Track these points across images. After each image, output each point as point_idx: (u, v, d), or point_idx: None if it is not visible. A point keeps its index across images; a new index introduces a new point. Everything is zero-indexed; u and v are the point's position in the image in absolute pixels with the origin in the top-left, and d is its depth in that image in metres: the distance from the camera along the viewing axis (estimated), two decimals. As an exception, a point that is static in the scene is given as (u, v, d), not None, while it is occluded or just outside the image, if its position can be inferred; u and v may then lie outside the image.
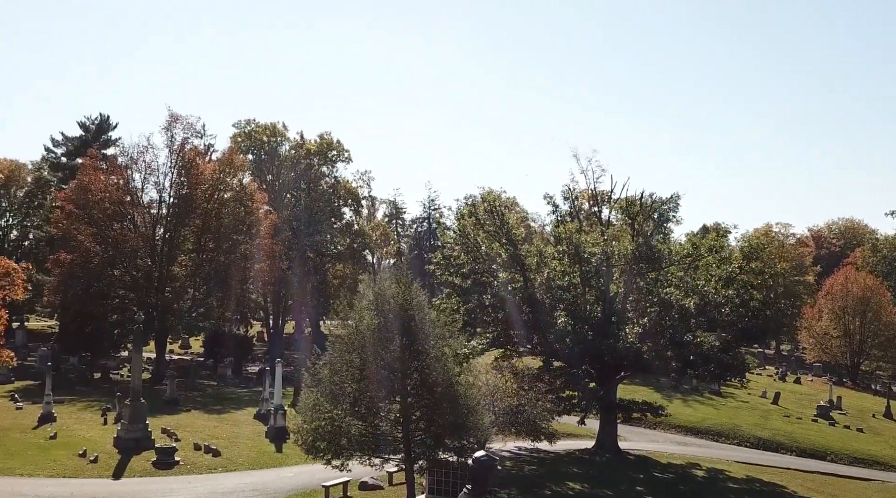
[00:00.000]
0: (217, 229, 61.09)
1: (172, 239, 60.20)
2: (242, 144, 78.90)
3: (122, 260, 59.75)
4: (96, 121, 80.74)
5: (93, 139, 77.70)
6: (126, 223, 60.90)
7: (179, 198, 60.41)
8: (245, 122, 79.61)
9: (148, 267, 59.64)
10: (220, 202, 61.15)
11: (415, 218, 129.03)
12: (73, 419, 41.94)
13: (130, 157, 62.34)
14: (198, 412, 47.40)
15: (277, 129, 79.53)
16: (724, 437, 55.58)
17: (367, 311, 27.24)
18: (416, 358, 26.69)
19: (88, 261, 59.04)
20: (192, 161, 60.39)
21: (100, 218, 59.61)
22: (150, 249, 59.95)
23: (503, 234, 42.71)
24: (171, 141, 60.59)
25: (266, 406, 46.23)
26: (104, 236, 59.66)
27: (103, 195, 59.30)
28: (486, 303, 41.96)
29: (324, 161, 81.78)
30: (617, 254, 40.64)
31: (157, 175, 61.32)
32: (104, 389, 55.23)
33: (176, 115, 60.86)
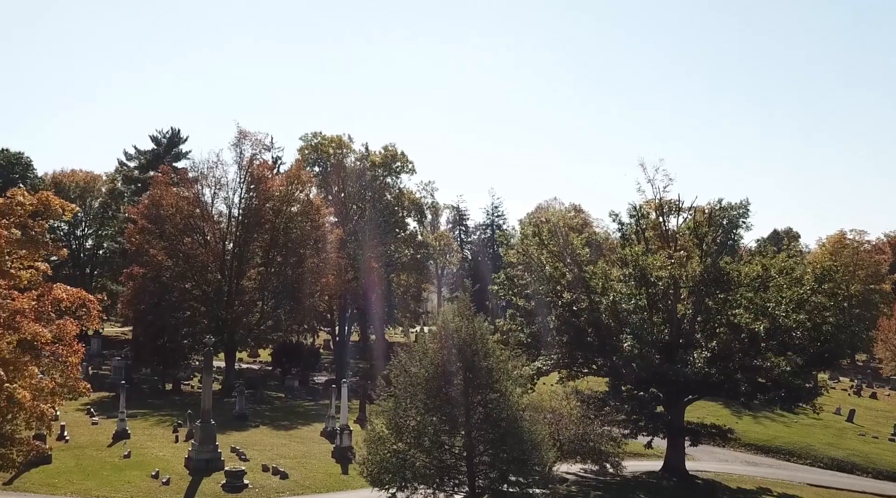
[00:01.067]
0: (285, 244, 62.16)
1: (242, 253, 61.33)
2: (309, 157, 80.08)
3: (192, 274, 61.18)
4: (167, 134, 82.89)
5: (164, 152, 79.88)
6: (196, 237, 62.28)
7: (248, 213, 61.53)
8: (312, 134, 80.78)
9: (218, 281, 60.88)
10: (287, 217, 62.12)
11: (478, 224, 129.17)
12: (146, 436, 43.05)
13: (200, 173, 63.86)
14: (266, 428, 48.18)
15: (343, 142, 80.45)
16: (796, 456, 54.14)
17: (430, 344, 27.39)
18: (480, 392, 26.75)
19: (160, 274, 60.68)
20: (261, 177, 61.43)
21: (171, 232, 61.22)
22: (219, 263, 61.17)
23: (568, 255, 42.49)
24: (239, 157, 61.88)
25: (332, 423, 46.73)
26: (175, 250, 61.23)
27: (174, 210, 60.81)
28: (551, 325, 41.72)
29: (388, 172, 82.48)
30: (685, 276, 40.01)
31: (227, 190, 62.76)
32: (175, 402, 56.61)
33: (245, 131, 62.11)
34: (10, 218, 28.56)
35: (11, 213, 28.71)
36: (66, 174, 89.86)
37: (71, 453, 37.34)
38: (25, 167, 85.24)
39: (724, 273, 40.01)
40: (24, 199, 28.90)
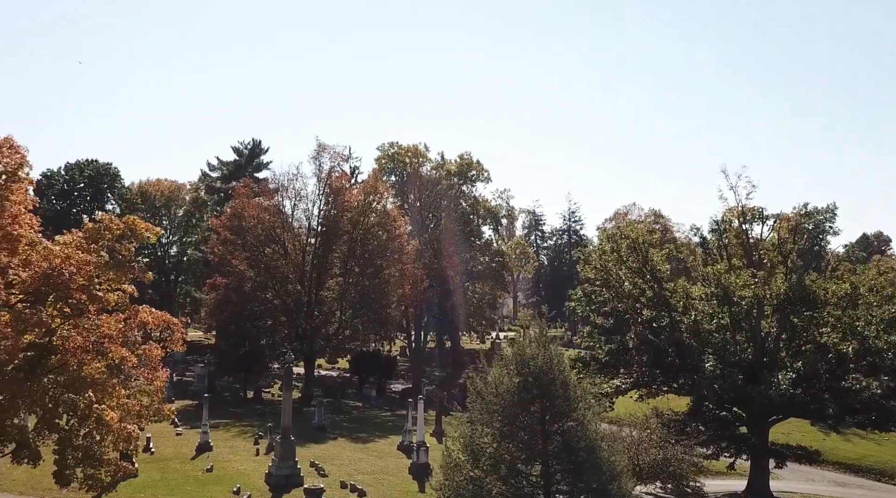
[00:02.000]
0: (362, 254, 62.93)
1: (321, 264, 62.31)
2: (386, 166, 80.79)
3: (273, 284, 62.43)
4: (249, 146, 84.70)
5: (246, 163, 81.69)
6: (277, 248, 63.49)
7: (327, 224, 62.51)
8: (389, 144, 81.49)
9: (298, 292, 61.96)
10: (364, 228, 62.87)
11: (555, 229, 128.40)
12: (228, 448, 43.99)
13: (281, 184, 65.21)
14: (344, 441, 48.72)
15: (419, 151, 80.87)
16: (888, 477, 52.03)
17: (506, 371, 27.18)
18: (557, 421, 26.43)
19: (242, 284, 62.10)
20: (339, 189, 62.33)
21: (252, 243, 62.68)
22: (299, 274, 62.26)
23: (647, 272, 41.75)
24: (318, 170, 63.04)
25: (409, 437, 46.98)
26: (256, 261, 62.65)
27: (255, 221, 62.18)
28: (630, 345, 41.04)
29: (463, 181, 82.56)
30: (769, 294, 38.84)
31: (306, 202, 64.03)
32: (256, 411, 57.80)
33: (323, 144, 63.24)
34: (98, 242, 29.55)
35: (100, 237, 29.68)
36: (152, 183, 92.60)
37: (156, 466, 38.40)
38: (113, 177, 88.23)
39: (811, 292, 38.67)
40: (112, 224, 29.79)
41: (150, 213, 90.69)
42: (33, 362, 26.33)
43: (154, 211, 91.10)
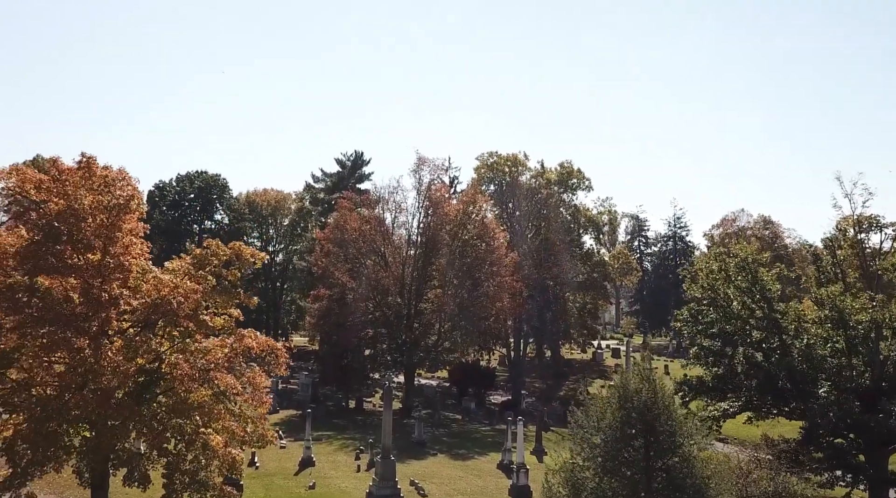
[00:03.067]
0: (460, 267, 62.96)
1: (420, 277, 62.68)
2: (485, 176, 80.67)
3: (374, 296, 63.20)
4: (351, 157, 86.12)
5: (348, 175, 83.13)
6: (378, 260, 64.22)
7: (426, 237, 62.86)
8: (488, 154, 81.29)
9: (398, 304, 62.51)
10: (463, 240, 62.91)
11: (659, 235, 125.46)
12: (330, 463, 44.59)
13: (381, 197, 66.00)
14: (443, 457, 48.70)
15: (519, 160, 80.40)
16: None
17: (608, 406, 26.46)
18: (662, 457, 25.57)
19: (344, 296, 63.12)
20: (438, 201, 62.58)
21: (354, 255, 63.70)
22: (399, 286, 62.81)
23: (757, 292, 40.14)
24: (418, 183, 63.45)
25: (509, 456, 46.57)
26: (358, 273, 63.60)
27: (357, 234, 63.15)
28: (738, 369, 39.48)
29: (564, 189, 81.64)
30: (888, 319, 36.69)
31: (406, 215, 64.62)
32: (358, 422, 58.51)
33: (423, 158, 63.73)
34: (206, 268, 30.37)
35: (207, 263, 30.52)
36: (259, 193, 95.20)
37: (261, 482, 39.19)
38: (222, 188, 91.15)
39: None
40: (219, 250, 30.62)
41: (256, 222, 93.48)
42: (143, 388, 27.23)
43: (261, 220, 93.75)
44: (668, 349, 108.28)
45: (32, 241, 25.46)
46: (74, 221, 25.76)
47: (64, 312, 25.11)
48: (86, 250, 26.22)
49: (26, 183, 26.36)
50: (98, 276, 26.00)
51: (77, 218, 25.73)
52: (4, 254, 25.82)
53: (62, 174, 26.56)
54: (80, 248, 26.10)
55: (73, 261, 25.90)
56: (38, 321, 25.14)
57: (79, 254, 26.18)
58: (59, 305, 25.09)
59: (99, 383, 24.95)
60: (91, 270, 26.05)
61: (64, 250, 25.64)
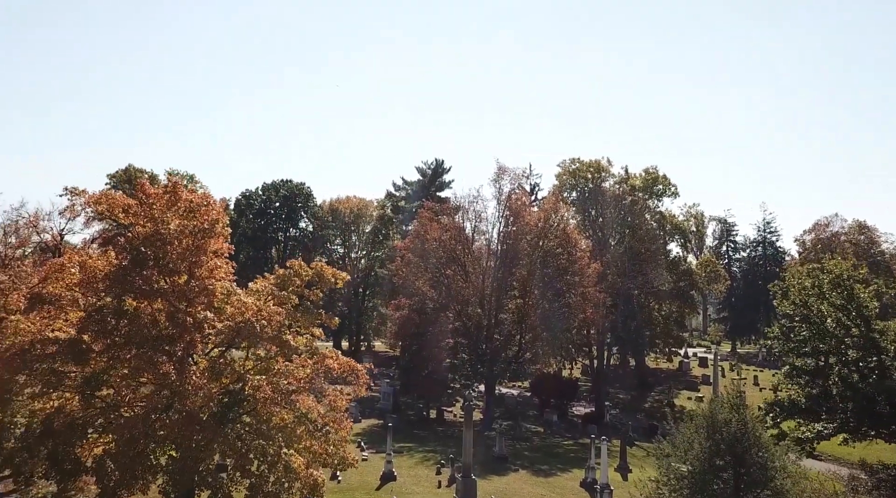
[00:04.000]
0: (541, 277, 62.12)
1: (500, 287, 62.08)
2: (567, 182, 79.52)
3: (454, 306, 62.93)
4: (432, 165, 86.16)
5: (429, 183, 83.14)
6: (458, 269, 63.90)
7: (506, 247, 62.22)
8: (570, 160, 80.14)
9: (478, 315, 62.08)
10: (544, 250, 62.04)
11: (748, 240, 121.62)
12: (411, 478, 44.45)
13: (461, 207, 65.67)
14: (525, 473, 48.01)
15: (601, 166, 78.96)
16: None
17: (696, 436, 25.52)
18: (752, 491, 24.54)
19: (424, 305, 63.11)
20: (519, 211, 61.88)
21: (434, 265, 63.56)
22: (479, 297, 62.37)
23: (853, 309, 38.30)
24: (498, 192, 62.85)
25: (592, 474, 45.61)
26: (438, 283, 63.46)
27: (437, 244, 62.98)
28: (833, 390, 37.70)
29: (649, 196, 79.86)
30: None
31: (486, 224, 64.09)
32: (439, 434, 58.29)
33: (504, 167, 63.12)
34: (288, 288, 30.61)
35: (290, 283, 30.77)
36: (342, 201, 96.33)
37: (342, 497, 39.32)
38: (306, 197, 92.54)
39: None
40: (301, 270, 30.87)
41: (339, 229, 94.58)
42: (227, 408, 27.50)
43: (343, 227, 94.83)
44: (757, 358, 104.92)
45: (121, 265, 25.99)
46: (161, 245, 26.20)
47: (150, 336, 25.58)
48: (171, 274, 26.66)
49: (115, 208, 26.92)
50: (183, 299, 26.40)
51: (163, 242, 26.16)
52: (94, 278, 26.43)
53: (149, 198, 27.05)
54: (166, 271, 26.54)
55: (159, 284, 26.33)
56: (126, 344, 25.70)
57: (165, 277, 26.62)
58: (145, 328, 25.57)
59: (184, 405, 25.30)
60: (177, 294, 26.45)
61: (151, 274, 26.08)
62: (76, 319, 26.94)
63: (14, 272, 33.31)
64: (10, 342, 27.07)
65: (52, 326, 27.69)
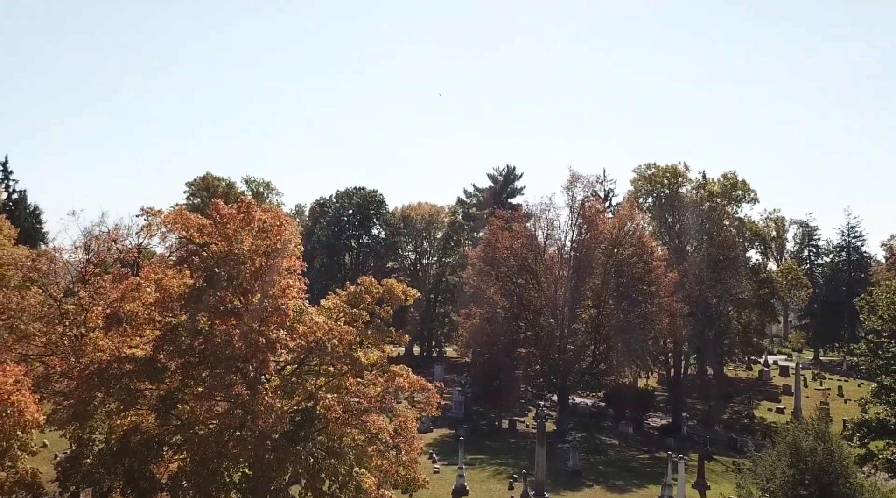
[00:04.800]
0: (616, 287, 60.97)
1: (573, 297, 61.13)
2: (642, 188, 78.00)
3: (526, 315, 62.26)
4: (503, 172, 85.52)
5: (500, 190, 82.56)
6: (529, 278, 63.20)
7: (580, 256, 61.22)
8: (646, 166, 78.57)
9: (550, 325, 61.26)
10: (619, 259, 60.83)
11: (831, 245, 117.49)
12: (483, 492, 44.05)
13: (533, 215, 64.93)
14: (599, 489, 47.10)
15: (678, 171, 77.16)
16: None
17: (778, 465, 24.45)
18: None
19: (495, 314, 62.61)
20: (592, 219, 60.82)
21: (505, 273, 62.99)
22: (552, 306, 61.53)
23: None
24: (571, 200, 61.94)
25: (668, 492, 44.47)
26: (510, 292, 62.86)
27: (508, 252, 62.39)
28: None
29: (727, 201, 77.68)
30: None
31: (559, 233, 63.26)
32: (511, 445, 57.66)
33: (577, 174, 62.16)
34: (359, 305, 30.51)
35: (360, 301, 30.65)
36: (413, 207, 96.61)
37: (414, 513, 39.07)
38: (379, 204, 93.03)
39: None
40: (372, 287, 30.69)
41: (410, 236, 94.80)
42: (298, 427, 27.50)
43: (415, 234, 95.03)
44: (841, 366, 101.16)
45: (195, 286, 26.22)
46: (234, 265, 26.35)
47: (224, 355, 25.73)
48: (245, 293, 26.77)
49: (190, 227, 27.18)
50: (256, 318, 26.48)
51: (236, 262, 26.30)
52: (170, 296, 26.73)
53: (223, 218, 27.21)
54: (239, 291, 26.67)
55: (232, 304, 26.48)
56: (200, 363, 25.93)
57: (238, 297, 26.76)
58: (219, 347, 25.73)
59: (256, 424, 25.38)
60: (250, 313, 26.55)
61: (224, 294, 26.24)
62: (152, 336, 27.33)
63: (94, 288, 34.07)
64: (90, 359, 27.61)
65: (129, 343, 28.19)
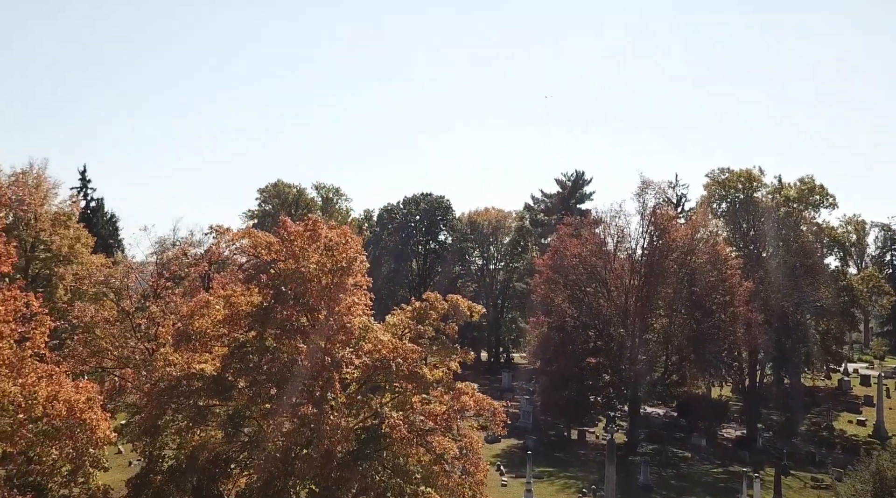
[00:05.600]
0: (689, 296, 59.47)
1: (644, 307, 59.83)
2: (716, 193, 75.97)
3: (595, 324, 61.20)
4: (572, 177, 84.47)
5: (569, 195, 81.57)
6: (598, 287, 62.11)
7: (651, 264, 59.87)
8: (719, 170, 76.38)
9: (620, 335, 60.10)
10: (692, 268, 59.30)
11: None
12: (551, 507, 43.45)
13: (602, 221, 63.81)
14: (670, 506, 46.06)
15: (753, 175, 74.78)
16: None
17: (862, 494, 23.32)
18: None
19: (564, 323, 61.68)
20: (664, 227, 59.42)
21: (574, 281, 61.99)
22: (622, 316, 60.37)
23: None
24: (642, 207, 60.64)
25: (743, 511, 43.20)
26: (578, 300, 61.83)
27: (577, 260, 61.39)
28: None
29: (805, 207, 75.04)
30: None
31: (629, 240, 62.04)
32: (580, 457, 56.80)
33: (648, 181, 60.88)
34: (424, 322, 30.32)
35: (426, 317, 30.46)
36: (480, 213, 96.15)
37: (482, 530, 38.66)
38: (446, 210, 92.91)
39: None
40: (437, 304, 30.50)
41: (477, 242, 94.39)
42: (364, 446, 27.43)
43: (482, 239, 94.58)
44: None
45: (262, 305, 26.35)
46: (301, 283, 26.41)
47: (291, 374, 25.82)
48: (311, 311, 26.82)
49: (258, 245, 27.37)
50: (322, 337, 26.48)
51: (303, 280, 26.36)
52: (238, 314, 26.95)
53: (290, 235, 27.31)
54: (305, 309, 26.74)
55: (299, 322, 26.57)
56: (268, 381, 26.06)
57: (305, 315, 26.82)
58: (286, 367, 25.84)
59: (322, 443, 25.36)
60: (316, 331, 26.58)
61: (291, 313, 26.32)
62: (221, 352, 27.61)
63: (165, 302, 34.66)
64: (160, 374, 28.02)
65: (199, 358, 28.54)
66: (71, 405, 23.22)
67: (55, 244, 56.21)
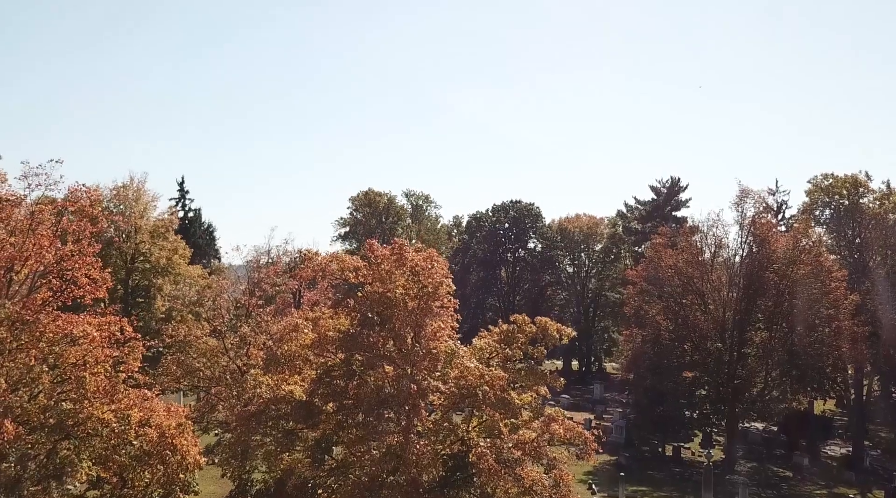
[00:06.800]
0: (790, 310, 56.93)
1: (742, 320, 57.60)
2: (819, 200, 72.75)
3: (692, 338, 59.31)
4: (667, 184, 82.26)
5: (664, 203, 79.42)
6: (695, 299, 60.16)
7: (750, 276, 57.57)
8: (822, 176, 73.07)
9: (718, 350, 58.05)
10: (793, 280, 56.74)
11: None
12: (645, 530, 42.19)
13: (699, 230, 61.84)
14: (772, 532, 44.11)
15: (859, 181, 71.18)
16: None
17: None
18: None
19: (659, 336, 60.05)
20: (764, 238, 57.06)
21: (669, 293, 60.25)
22: (719, 330, 58.30)
23: None
24: (741, 217, 58.35)
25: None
26: (674, 313, 60.09)
27: (672, 271, 59.61)
28: None
29: (919, 213, 71.02)
30: None
31: (727, 251, 59.91)
32: (675, 475, 55.22)
33: (746, 189, 58.52)
34: (512, 345, 29.75)
35: (514, 340, 29.88)
36: (571, 220, 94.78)
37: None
38: (535, 217, 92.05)
39: None
40: (525, 326, 29.87)
41: (568, 249, 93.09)
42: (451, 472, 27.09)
43: (572, 247, 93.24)
44: None
45: (348, 332, 26.28)
46: (387, 307, 26.25)
47: (377, 400, 25.66)
48: (397, 337, 26.60)
49: (345, 269, 27.35)
50: (408, 363, 26.24)
51: (389, 305, 26.18)
52: (326, 339, 26.95)
53: (377, 258, 27.18)
54: (392, 334, 26.54)
55: (385, 348, 26.40)
56: (355, 407, 25.96)
57: (391, 340, 26.63)
58: (373, 393, 25.69)
59: (408, 471, 25.13)
60: (402, 357, 26.37)
61: (378, 339, 26.17)
62: (309, 374, 27.72)
63: (255, 322, 35.10)
64: (250, 395, 28.29)
65: (287, 380, 28.71)
66: (162, 431, 23.60)
67: (154, 256, 58.17)
